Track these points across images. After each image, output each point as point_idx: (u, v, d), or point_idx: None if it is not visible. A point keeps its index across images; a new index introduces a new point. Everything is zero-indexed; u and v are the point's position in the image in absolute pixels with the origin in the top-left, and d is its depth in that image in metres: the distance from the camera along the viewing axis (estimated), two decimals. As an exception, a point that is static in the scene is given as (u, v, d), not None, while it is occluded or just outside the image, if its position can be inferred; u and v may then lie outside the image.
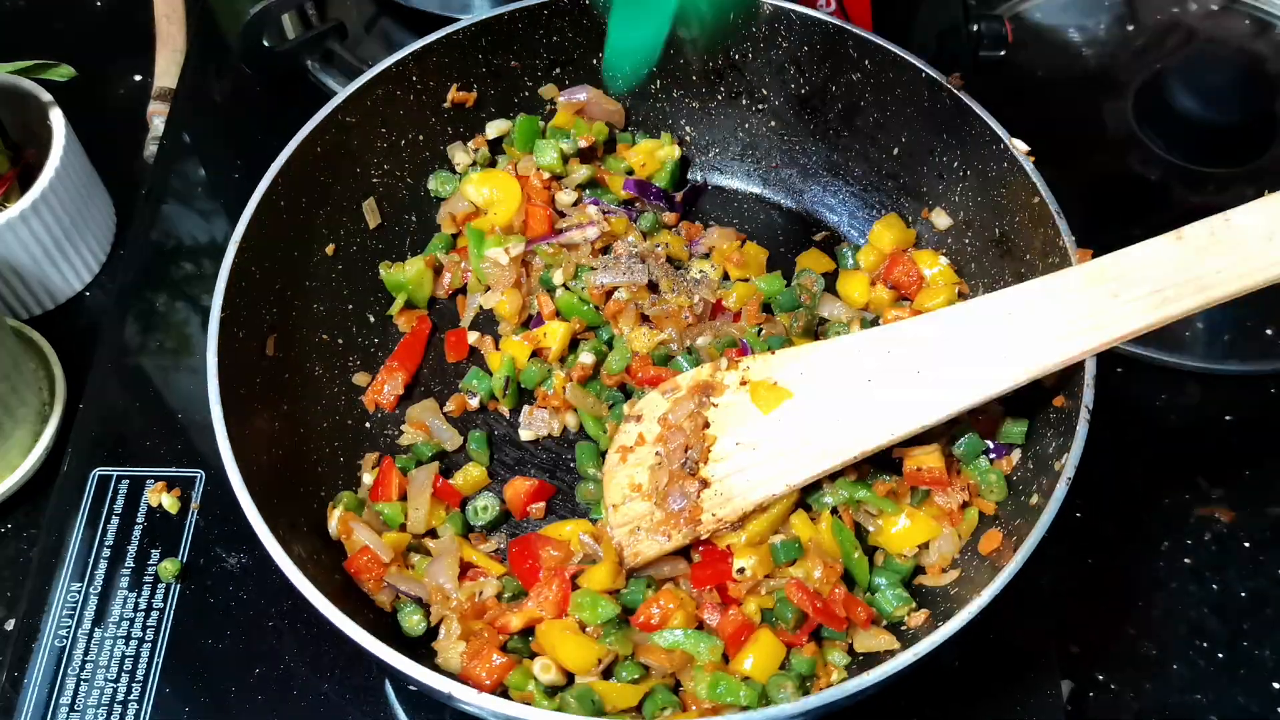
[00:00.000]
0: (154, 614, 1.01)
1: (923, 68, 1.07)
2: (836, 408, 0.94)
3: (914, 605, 0.95)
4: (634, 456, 1.00)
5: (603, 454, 1.04)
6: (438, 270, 1.17)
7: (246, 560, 1.04)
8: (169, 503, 1.06)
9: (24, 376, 1.11)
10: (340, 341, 1.11)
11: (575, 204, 1.17)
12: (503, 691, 0.90)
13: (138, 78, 1.46)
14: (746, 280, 1.15)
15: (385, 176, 1.15)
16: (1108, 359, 1.20)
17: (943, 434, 0.99)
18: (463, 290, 1.17)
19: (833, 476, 0.96)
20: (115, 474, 1.08)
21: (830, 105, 1.17)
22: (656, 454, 0.99)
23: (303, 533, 0.95)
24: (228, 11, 1.27)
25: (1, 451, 1.10)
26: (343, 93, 1.08)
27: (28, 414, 1.12)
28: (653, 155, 1.21)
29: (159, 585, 1.02)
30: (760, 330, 1.10)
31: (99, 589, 1.02)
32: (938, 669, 0.98)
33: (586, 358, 1.08)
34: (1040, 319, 0.88)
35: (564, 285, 1.12)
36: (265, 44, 1.30)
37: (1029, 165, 1.01)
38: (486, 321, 1.15)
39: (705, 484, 0.96)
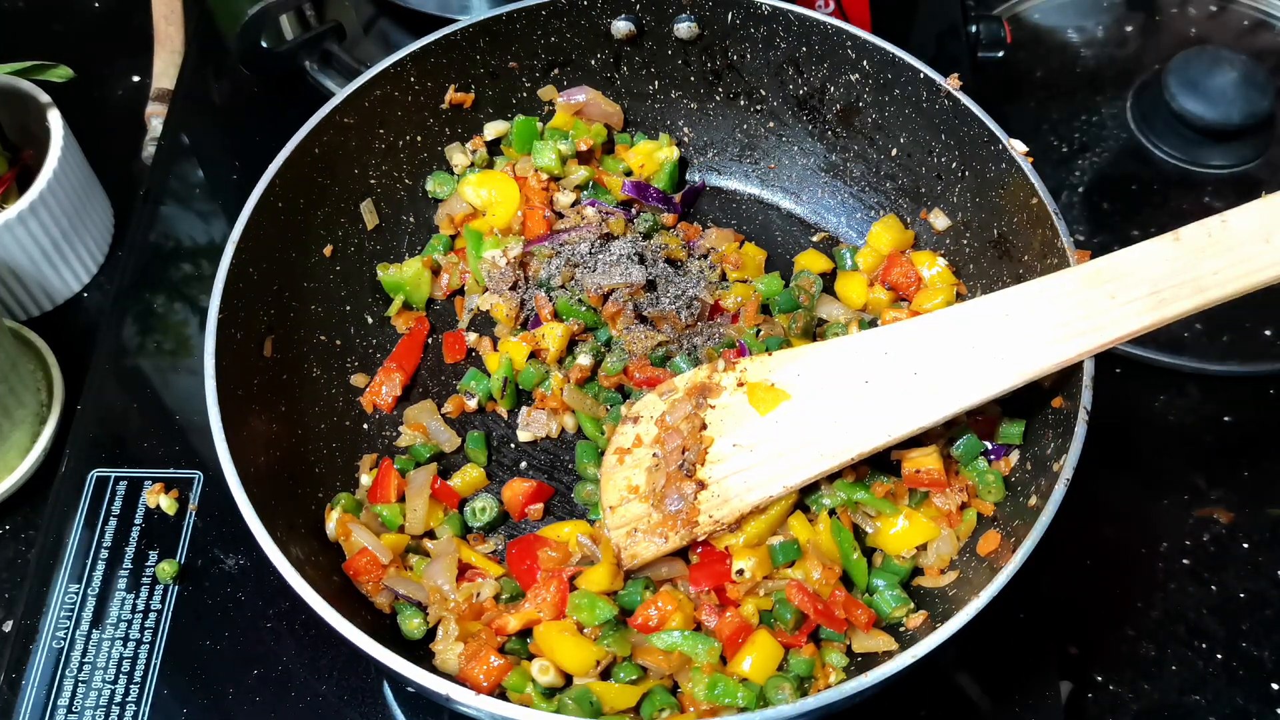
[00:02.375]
0: (152, 615, 1.01)
1: (921, 68, 1.07)
2: (834, 408, 0.94)
3: (912, 606, 0.95)
4: (631, 458, 1.00)
5: (601, 453, 1.04)
6: (436, 271, 1.16)
7: (244, 561, 1.04)
8: (167, 504, 1.06)
9: (22, 378, 1.11)
10: (338, 343, 1.11)
11: (574, 205, 1.17)
12: (501, 693, 0.90)
13: (136, 79, 1.46)
14: (745, 281, 1.14)
15: (383, 177, 1.15)
16: (1106, 360, 1.20)
17: (940, 435, 0.98)
18: (460, 291, 1.17)
19: (831, 478, 0.96)
20: (113, 475, 1.08)
21: (828, 106, 1.16)
22: (654, 455, 0.99)
23: (301, 534, 0.94)
24: (226, 13, 1.27)
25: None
26: (341, 94, 1.08)
27: (26, 415, 1.12)
28: (651, 156, 1.21)
29: (157, 586, 1.02)
30: (759, 331, 1.10)
31: (97, 590, 1.02)
32: (936, 670, 0.98)
33: (584, 359, 1.08)
34: (1038, 320, 0.88)
35: (562, 286, 1.12)
36: (263, 45, 1.29)
37: (1027, 166, 1.01)
38: (484, 323, 1.15)
39: (702, 485, 0.95)
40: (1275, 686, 1.05)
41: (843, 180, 1.20)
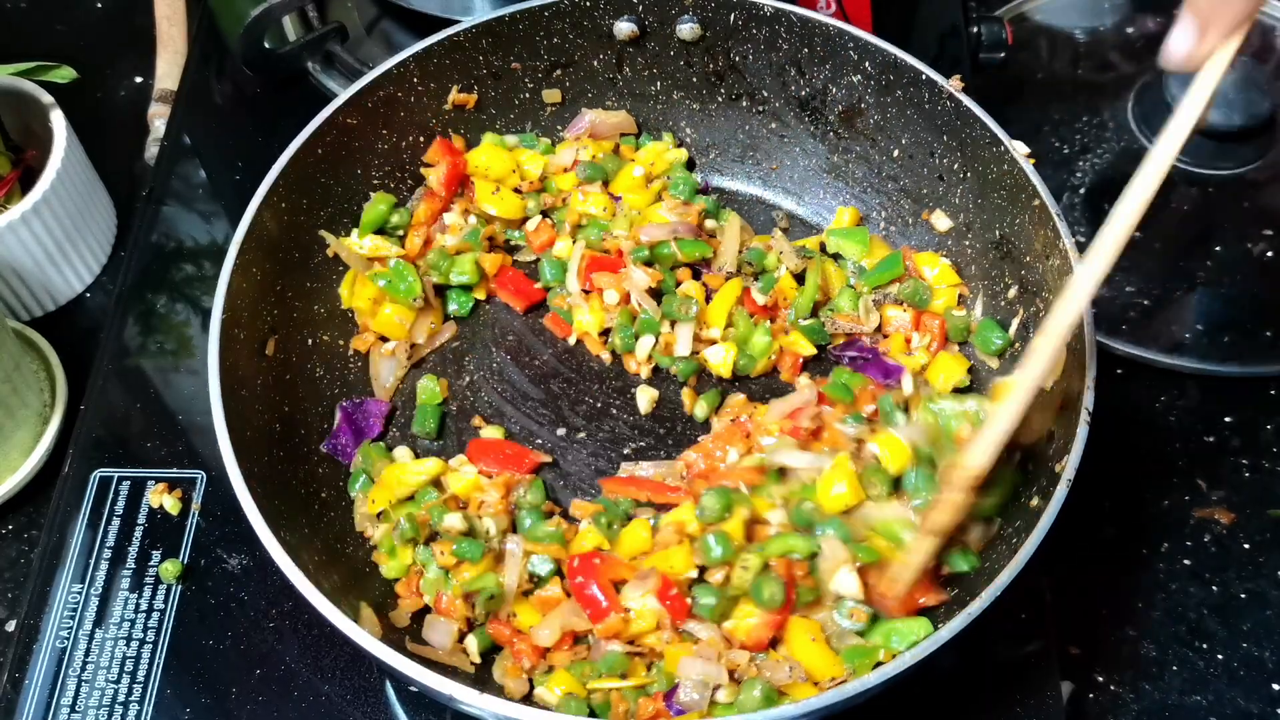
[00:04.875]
0: (155, 615, 1.01)
1: (923, 70, 1.07)
2: None
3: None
4: None
5: None
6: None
7: (247, 561, 1.04)
8: (170, 504, 1.06)
9: (25, 378, 1.11)
10: (341, 343, 1.11)
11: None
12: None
13: (139, 79, 1.46)
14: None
15: (386, 178, 1.15)
16: (1107, 361, 1.21)
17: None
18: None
19: None
20: (116, 475, 1.08)
21: (830, 107, 1.17)
22: None
23: (304, 534, 0.95)
24: (229, 13, 1.27)
25: (3, 452, 1.10)
26: (344, 94, 1.08)
27: (29, 415, 1.12)
28: (661, 157, 1.20)
29: (160, 586, 1.02)
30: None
31: (100, 590, 1.02)
32: (938, 670, 0.98)
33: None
34: None
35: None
36: (266, 46, 1.30)
37: (1029, 167, 1.01)
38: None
39: None
40: (1276, 687, 1.06)
41: (845, 181, 1.20)
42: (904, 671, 0.81)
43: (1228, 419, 1.20)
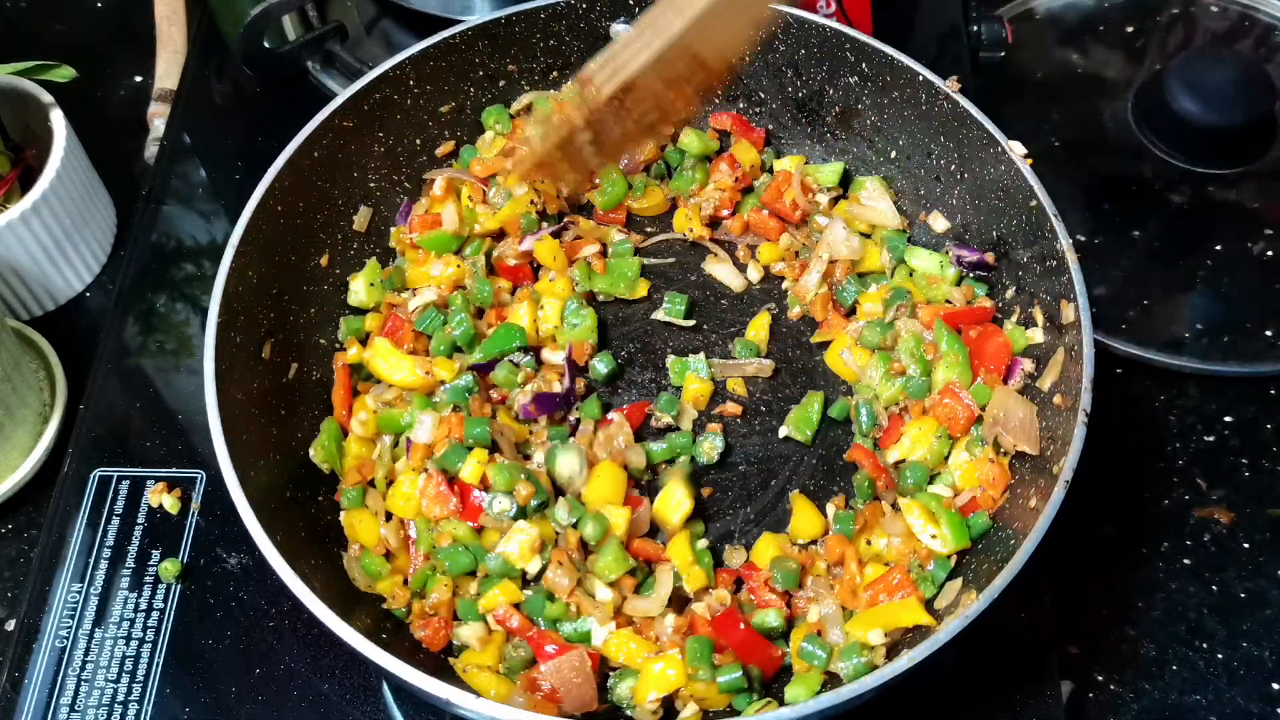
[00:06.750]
0: (154, 614, 1.02)
1: (920, 70, 1.07)
2: None
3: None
4: None
5: None
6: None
7: (247, 560, 1.04)
8: (169, 503, 1.06)
9: (25, 377, 1.11)
10: (338, 346, 1.11)
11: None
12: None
13: (138, 79, 1.46)
14: None
15: (382, 180, 1.15)
16: (1106, 361, 1.21)
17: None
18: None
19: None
20: (116, 474, 1.09)
21: (828, 108, 1.17)
22: None
23: (301, 537, 0.95)
24: (228, 13, 1.28)
25: (2, 452, 1.10)
26: (339, 98, 1.08)
27: (28, 415, 1.12)
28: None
29: (159, 586, 1.03)
30: None
31: (99, 589, 1.02)
32: (937, 671, 0.98)
33: None
34: None
35: None
36: (266, 45, 1.30)
37: (1026, 168, 1.01)
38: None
39: None
40: (1276, 686, 1.06)
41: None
42: (903, 673, 0.81)
43: (1228, 419, 1.20)
